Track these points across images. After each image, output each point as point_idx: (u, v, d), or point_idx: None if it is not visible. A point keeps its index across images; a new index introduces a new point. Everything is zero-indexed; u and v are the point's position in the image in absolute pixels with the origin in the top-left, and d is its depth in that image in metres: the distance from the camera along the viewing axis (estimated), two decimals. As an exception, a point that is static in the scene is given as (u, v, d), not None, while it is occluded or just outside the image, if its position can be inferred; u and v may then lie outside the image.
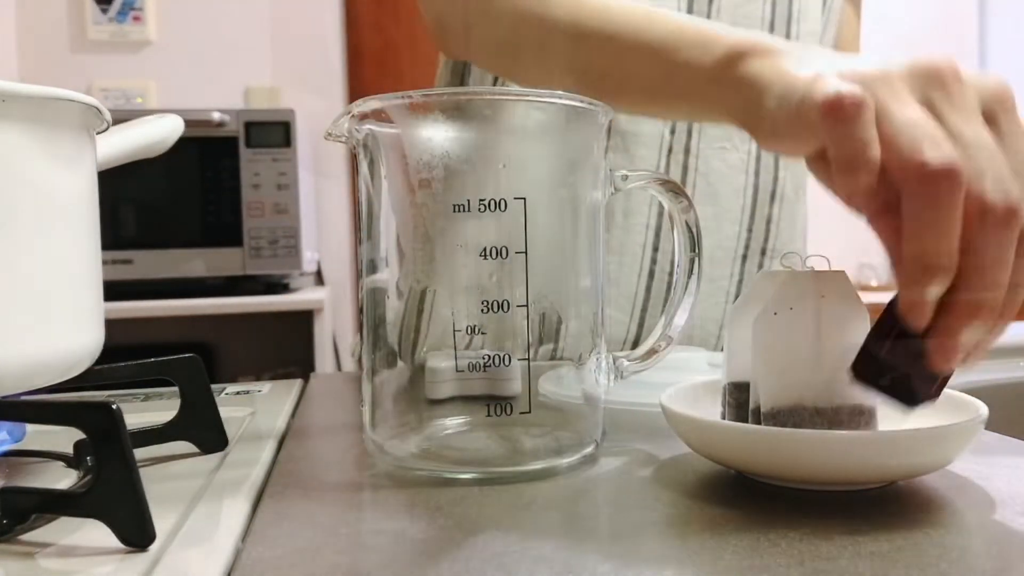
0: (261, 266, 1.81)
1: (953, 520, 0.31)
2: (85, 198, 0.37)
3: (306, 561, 0.29)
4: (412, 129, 0.39)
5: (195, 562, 0.28)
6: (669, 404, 0.37)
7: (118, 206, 1.80)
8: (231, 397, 0.58)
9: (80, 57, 2.22)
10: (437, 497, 0.35)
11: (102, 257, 0.39)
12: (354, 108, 0.39)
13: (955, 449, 0.34)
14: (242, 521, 0.32)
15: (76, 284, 0.36)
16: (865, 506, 0.33)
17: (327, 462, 0.42)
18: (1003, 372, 0.66)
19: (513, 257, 0.38)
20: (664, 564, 0.28)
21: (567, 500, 0.35)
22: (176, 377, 0.43)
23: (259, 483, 0.37)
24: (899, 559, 0.28)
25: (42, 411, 0.35)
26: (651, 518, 0.32)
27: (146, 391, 0.62)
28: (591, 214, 0.41)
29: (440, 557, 0.29)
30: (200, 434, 0.43)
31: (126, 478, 0.29)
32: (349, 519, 0.33)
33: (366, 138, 0.40)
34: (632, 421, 0.48)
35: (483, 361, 0.38)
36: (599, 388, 0.41)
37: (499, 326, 0.38)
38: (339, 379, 0.68)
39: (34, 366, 0.34)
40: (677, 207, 0.44)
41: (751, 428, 0.34)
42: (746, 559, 0.28)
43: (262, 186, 1.81)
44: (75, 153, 0.36)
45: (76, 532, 0.31)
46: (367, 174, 0.41)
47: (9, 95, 0.32)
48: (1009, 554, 0.28)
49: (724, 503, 0.33)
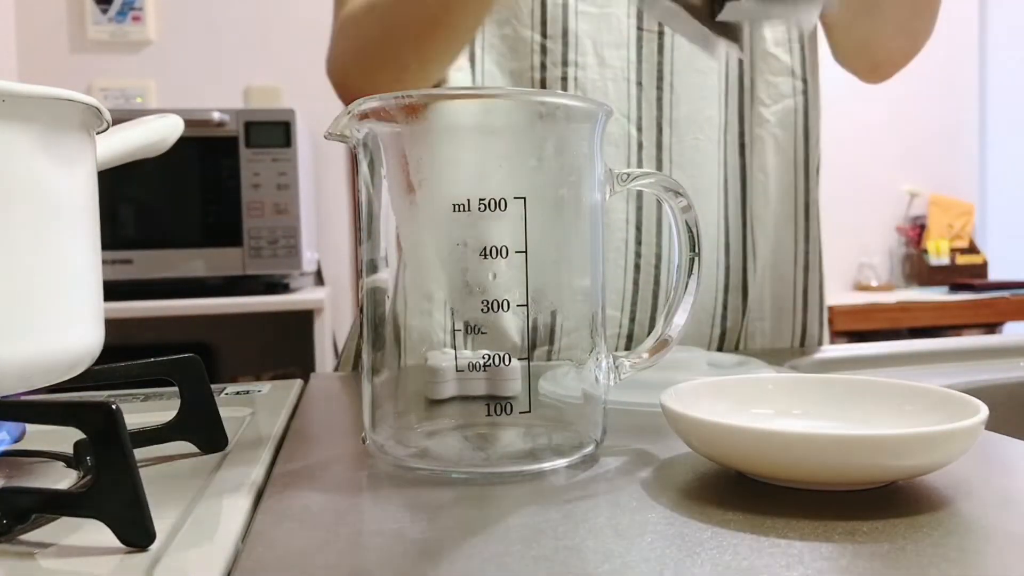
0: (261, 266, 1.81)
1: (953, 520, 0.31)
2: (85, 198, 0.37)
3: (306, 561, 0.29)
4: (412, 128, 0.39)
5: (195, 562, 0.28)
6: (669, 404, 0.37)
7: (118, 206, 1.80)
8: (231, 397, 0.58)
9: (80, 57, 2.22)
10: (437, 497, 0.35)
11: (102, 257, 0.39)
12: (354, 108, 0.39)
13: (955, 449, 0.34)
14: (242, 521, 0.32)
15: (76, 284, 0.36)
16: (865, 506, 0.33)
17: (327, 462, 0.42)
18: (1003, 372, 0.66)
19: (513, 256, 0.38)
20: (664, 564, 0.28)
21: (567, 500, 0.35)
22: (176, 377, 0.43)
23: (259, 483, 0.37)
24: (899, 559, 0.28)
25: (42, 411, 0.35)
26: (651, 518, 0.32)
27: (146, 391, 0.62)
28: (591, 214, 0.41)
29: (440, 557, 0.29)
30: (200, 434, 0.43)
31: (126, 478, 0.29)
32: (349, 519, 0.33)
33: (366, 137, 0.40)
34: (632, 421, 0.48)
35: (483, 361, 0.38)
36: (599, 388, 0.41)
37: (499, 326, 0.38)
38: (339, 379, 0.68)
39: (34, 366, 0.34)
40: (677, 206, 0.44)
41: (751, 428, 0.34)
42: (746, 559, 0.28)
43: (262, 186, 1.81)
44: (75, 153, 0.36)
45: (76, 532, 0.31)
46: (367, 174, 0.41)
47: (9, 95, 0.32)
48: (1009, 554, 0.28)
49: (724, 503, 0.33)
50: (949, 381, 0.61)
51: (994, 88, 2.86)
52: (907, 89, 2.76)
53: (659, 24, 0.70)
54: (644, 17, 0.70)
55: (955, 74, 2.82)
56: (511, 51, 0.69)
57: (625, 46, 0.70)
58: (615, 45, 0.70)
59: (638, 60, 0.70)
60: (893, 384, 0.42)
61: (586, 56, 0.69)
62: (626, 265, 0.72)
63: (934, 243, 2.71)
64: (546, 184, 0.40)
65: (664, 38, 0.70)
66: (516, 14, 0.68)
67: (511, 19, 0.68)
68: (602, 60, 0.69)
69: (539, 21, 0.68)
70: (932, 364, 0.71)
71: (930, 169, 2.81)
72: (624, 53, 0.70)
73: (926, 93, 2.78)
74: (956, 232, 2.74)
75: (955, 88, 2.83)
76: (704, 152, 0.72)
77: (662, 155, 0.71)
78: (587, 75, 0.69)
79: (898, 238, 2.79)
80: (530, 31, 0.68)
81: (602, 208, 0.42)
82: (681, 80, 0.71)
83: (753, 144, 0.75)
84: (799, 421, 0.41)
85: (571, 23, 0.69)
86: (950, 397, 0.38)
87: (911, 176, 2.78)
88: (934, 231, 2.73)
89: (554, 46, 0.69)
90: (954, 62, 2.81)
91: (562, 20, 0.69)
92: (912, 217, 2.77)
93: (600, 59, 0.69)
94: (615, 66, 0.69)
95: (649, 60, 0.70)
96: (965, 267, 2.69)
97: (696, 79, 0.71)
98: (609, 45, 0.70)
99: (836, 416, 0.41)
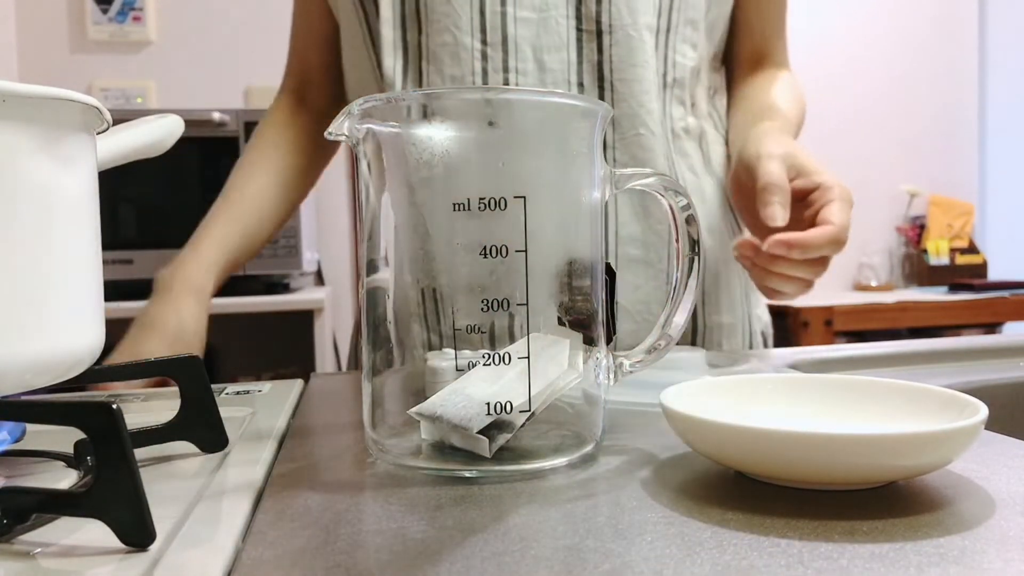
0: (261, 266, 1.81)
1: (953, 520, 0.31)
2: (85, 198, 0.37)
3: (306, 561, 0.29)
4: (412, 128, 0.39)
5: (195, 562, 0.28)
6: (669, 404, 0.37)
7: (118, 206, 1.80)
8: (231, 397, 0.58)
9: (80, 57, 2.22)
10: (437, 497, 0.35)
11: (102, 257, 0.39)
12: (354, 107, 0.39)
13: (955, 449, 0.34)
14: (242, 521, 0.32)
15: (76, 284, 0.36)
16: (865, 506, 0.33)
17: (327, 462, 0.42)
18: (1003, 372, 0.66)
19: (513, 256, 0.38)
20: (664, 564, 0.28)
21: (567, 500, 0.35)
22: (176, 377, 0.43)
23: (259, 483, 0.37)
24: (899, 559, 0.28)
25: (42, 411, 0.35)
26: (651, 518, 0.32)
27: (146, 391, 0.62)
28: (591, 213, 0.41)
29: (440, 557, 0.29)
30: (200, 434, 0.43)
31: (126, 478, 0.29)
32: (349, 519, 0.33)
33: (366, 137, 0.40)
34: (632, 421, 0.48)
35: (483, 361, 0.38)
36: (599, 387, 0.41)
37: (499, 325, 0.38)
38: (339, 379, 0.68)
39: (34, 366, 0.34)
40: (678, 205, 0.44)
41: (751, 428, 0.34)
42: (746, 559, 0.28)
43: (262, 186, 1.80)
44: (75, 153, 0.36)
45: (76, 532, 0.31)
46: (367, 173, 0.41)
47: (9, 95, 0.32)
48: (1009, 554, 0.28)
49: (724, 503, 0.33)
50: (949, 381, 0.61)
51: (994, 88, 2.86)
52: (907, 89, 2.76)
53: (597, 23, 0.71)
54: (583, 17, 0.71)
55: (955, 74, 2.82)
56: (452, 58, 0.70)
57: (565, 48, 0.71)
58: (555, 48, 0.71)
59: (578, 62, 0.71)
60: (893, 384, 0.42)
61: (526, 62, 0.70)
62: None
63: (934, 243, 2.71)
64: (547, 183, 0.40)
65: (603, 37, 0.71)
66: (456, 22, 0.69)
67: (451, 27, 0.69)
68: (542, 65, 0.71)
69: (479, 28, 0.70)
70: (932, 364, 0.71)
71: (930, 169, 2.81)
72: (564, 55, 0.71)
73: (926, 93, 2.78)
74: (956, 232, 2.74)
75: (955, 88, 2.83)
76: (647, 146, 0.73)
77: (605, 153, 0.72)
78: (527, 81, 0.71)
79: (898, 238, 2.79)
80: (471, 38, 0.70)
81: (602, 207, 0.42)
82: (620, 77, 0.71)
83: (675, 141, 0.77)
84: (799, 421, 0.41)
85: (510, 29, 0.70)
86: (950, 397, 0.38)
87: (911, 176, 2.78)
88: (934, 231, 2.73)
89: (495, 53, 0.70)
90: (954, 62, 2.81)
91: (501, 27, 0.70)
92: (912, 217, 2.77)
93: (540, 64, 0.71)
94: (555, 69, 0.71)
95: (589, 60, 0.71)
96: (965, 267, 2.69)
97: (635, 74, 0.72)
98: (549, 49, 0.71)
99: (836, 416, 0.41)
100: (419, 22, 0.70)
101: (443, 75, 0.70)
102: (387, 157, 0.40)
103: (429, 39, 0.70)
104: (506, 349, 0.38)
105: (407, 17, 0.71)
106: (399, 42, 0.71)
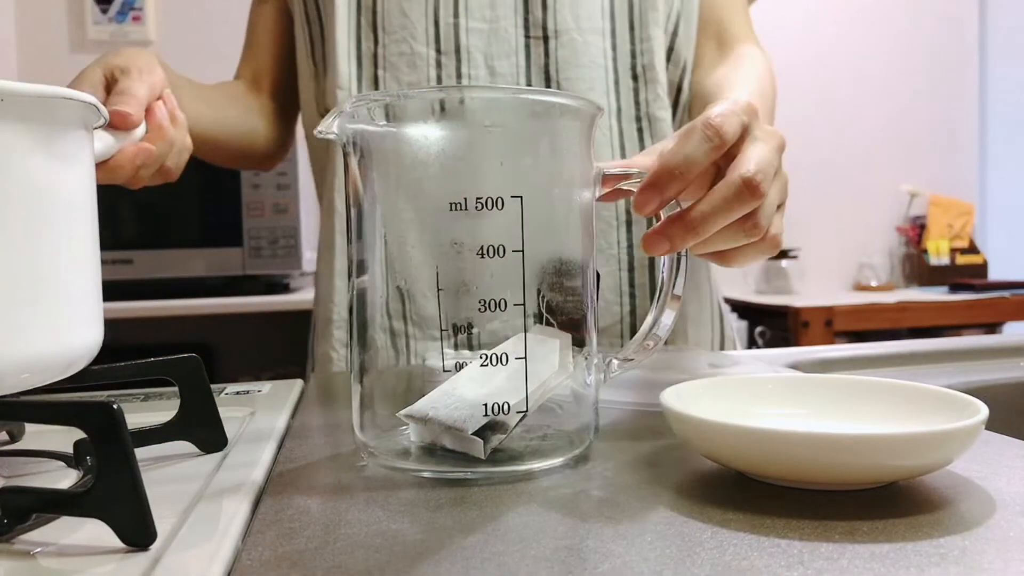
0: (261, 266, 1.81)
1: (953, 520, 0.31)
2: (84, 197, 0.37)
3: (306, 561, 0.29)
4: (406, 127, 0.39)
5: (195, 562, 0.28)
6: (669, 404, 0.37)
7: (118, 206, 1.80)
8: (231, 397, 0.58)
9: (80, 57, 2.22)
10: (436, 497, 0.35)
11: (102, 257, 0.39)
12: (345, 106, 0.39)
13: (955, 450, 0.34)
14: (242, 521, 0.32)
15: (75, 282, 0.36)
16: (865, 506, 0.33)
17: (327, 462, 0.42)
18: (1003, 372, 0.66)
19: (510, 255, 0.38)
20: (664, 564, 0.28)
21: (566, 500, 0.35)
22: (176, 377, 0.43)
23: (259, 483, 0.37)
24: (899, 559, 0.28)
25: (42, 411, 0.35)
26: (651, 518, 0.32)
27: (146, 391, 0.62)
28: (582, 213, 0.41)
29: (440, 557, 0.29)
30: (200, 434, 0.43)
31: (127, 477, 0.29)
32: (349, 519, 0.33)
33: (355, 136, 0.40)
34: (632, 421, 0.48)
35: (480, 361, 0.38)
36: (589, 387, 0.41)
37: (496, 325, 0.38)
38: (339, 379, 0.68)
39: (33, 364, 0.34)
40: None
41: (751, 428, 0.34)
42: (746, 559, 0.28)
43: (262, 186, 1.81)
44: (74, 152, 0.36)
45: (76, 532, 0.31)
46: (357, 172, 0.40)
47: (8, 94, 0.32)
48: (1009, 554, 0.28)
49: (724, 503, 0.33)
50: (949, 381, 0.61)
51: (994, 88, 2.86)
52: (907, 89, 2.76)
53: (544, 29, 0.76)
54: (531, 25, 0.76)
55: (955, 74, 2.82)
56: (409, 66, 0.75)
57: (514, 54, 0.76)
58: (504, 55, 0.76)
59: (527, 65, 0.76)
60: (893, 384, 0.42)
61: (478, 69, 0.75)
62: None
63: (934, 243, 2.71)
64: (539, 183, 0.40)
65: (549, 43, 0.76)
66: (412, 33, 0.75)
67: (407, 38, 0.76)
68: (492, 70, 0.76)
69: (433, 39, 0.75)
70: (932, 364, 0.71)
71: (930, 169, 2.81)
72: (514, 60, 0.76)
73: (926, 93, 2.78)
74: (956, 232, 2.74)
75: (955, 88, 2.83)
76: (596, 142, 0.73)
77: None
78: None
79: (898, 238, 2.79)
80: (426, 48, 0.75)
81: (593, 207, 0.42)
82: (566, 75, 0.76)
83: (652, 125, 0.78)
84: (799, 421, 0.41)
85: (463, 39, 0.76)
86: (950, 397, 0.38)
87: (911, 176, 2.77)
88: (934, 231, 2.73)
89: (448, 61, 0.75)
90: (954, 62, 2.81)
91: (454, 37, 0.75)
92: (912, 217, 2.77)
93: (491, 69, 0.76)
94: (505, 74, 0.76)
95: (537, 63, 0.76)
96: (965, 267, 2.69)
97: (581, 73, 0.75)
98: (499, 56, 0.76)
99: (836, 416, 0.41)
100: (375, 33, 0.76)
101: (400, 81, 0.76)
102: (378, 156, 0.40)
103: (386, 49, 0.76)
104: (502, 349, 0.38)
105: (362, 28, 0.76)
106: (354, 51, 0.77)
